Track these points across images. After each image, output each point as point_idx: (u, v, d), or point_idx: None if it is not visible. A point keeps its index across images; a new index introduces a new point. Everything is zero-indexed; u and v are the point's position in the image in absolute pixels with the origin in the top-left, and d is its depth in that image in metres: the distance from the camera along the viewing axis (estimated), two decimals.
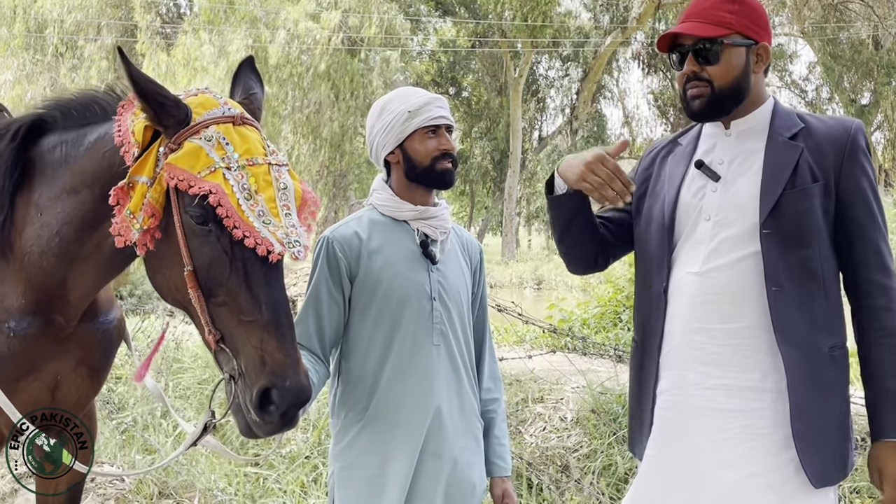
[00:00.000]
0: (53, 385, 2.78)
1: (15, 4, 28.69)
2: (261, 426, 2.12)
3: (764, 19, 2.41)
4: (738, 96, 2.39)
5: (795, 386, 2.26)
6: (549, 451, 5.19)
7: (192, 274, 2.16)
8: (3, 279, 2.63)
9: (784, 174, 2.30)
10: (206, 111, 2.22)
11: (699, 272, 2.38)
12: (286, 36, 25.35)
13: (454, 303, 2.66)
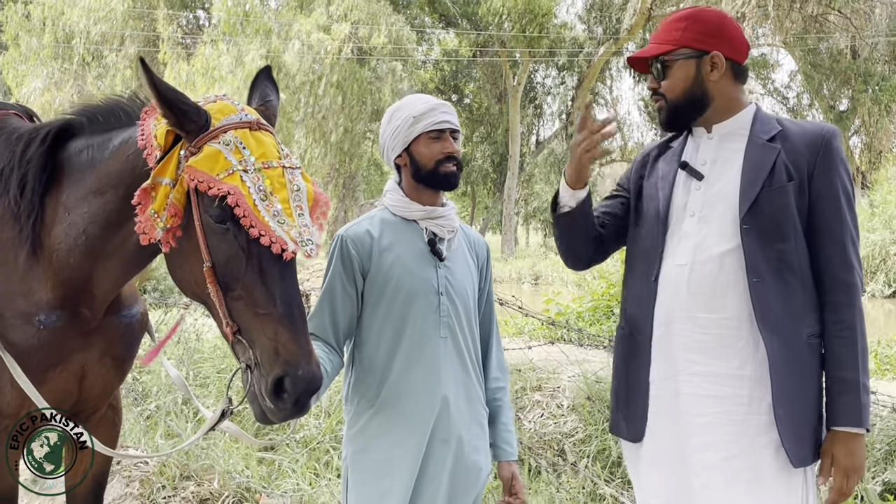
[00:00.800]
0: (80, 375, 2.78)
1: (44, 16, 28.70)
2: (275, 413, 2.13)
3: (717, 30, 2.42)
4: (694, 105, 2.44)
5: (777, 372, 2.28)
6: (547, 437, 5.19)
7: (210, 270, 2.17)
8: (33, 275, 2.63)
9: (762, 173, 2.33)
10: (225, 117, 2.24)
11: (686, 264, 2.41)
12: (299, 46, 25.34)
13: (461, 298, 2.65)
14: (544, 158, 37.24)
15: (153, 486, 4.97)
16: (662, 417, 2.44)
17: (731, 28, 2.45)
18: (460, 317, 2.64)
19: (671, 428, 2.41)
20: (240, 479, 4.76)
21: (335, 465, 4.92)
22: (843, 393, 2.27)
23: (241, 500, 4.67)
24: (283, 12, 27.20)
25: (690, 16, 2.46)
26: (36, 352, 2.63)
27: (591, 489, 4.59)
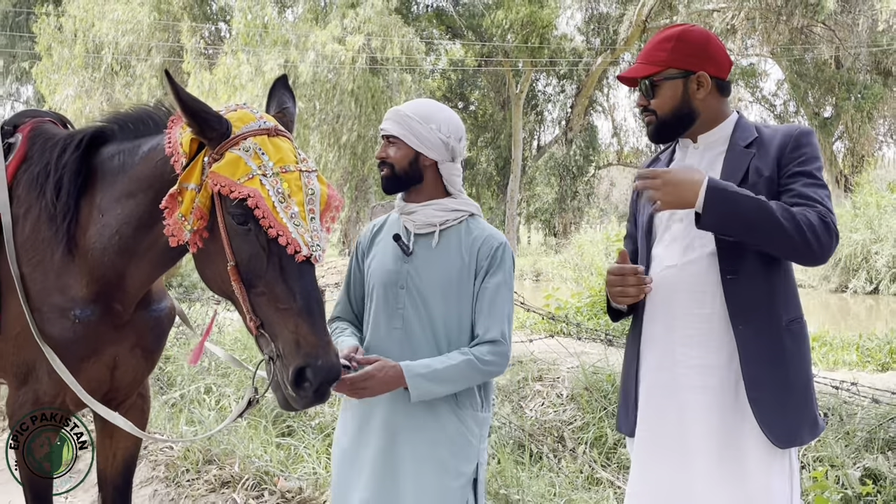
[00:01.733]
0: (112, 365, 2.81)
1: (75, 28, 28.73)
2: (297, 400, 2.16)
3: (703, 50, 2.43)
4: (682, 120, 2.46)
5: (748, 360, 2.30)
6: (547, 424, 5.20)
7: (234, 268, 2.20)
8: (68, 272, 2.65)
9: (738, 175, 2.35)
10: (245, 125, 2.26)
11: (676, 265, 2.43)
12: (315, 57, 25.32)
13: (429, 295, 2.58)
14: (545, 162, 37.18)
15: (178, 469, 5.00)
16: (658, 410, 2.44)
17: (715, 47, 2.46)
18: (419, 309, 2.57)
19: (668, 420, 2.42)
20: (259, 463, 4.78)
21: None
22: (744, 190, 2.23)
23: (261, 483, 4.68)
24: (300, 25, 27.18)
25: (677, 36, 2.45)
26: (71, 344, 2.66)
27: (589, 473, 4.60)
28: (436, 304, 2.58)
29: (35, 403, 2.77)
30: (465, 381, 2.50)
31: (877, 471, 4.31)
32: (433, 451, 2.53)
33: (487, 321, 2.55)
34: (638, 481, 2.51)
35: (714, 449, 2.33)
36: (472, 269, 2.60)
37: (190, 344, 7.07)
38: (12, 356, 2.79)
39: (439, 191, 2.66)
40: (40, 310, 2.68)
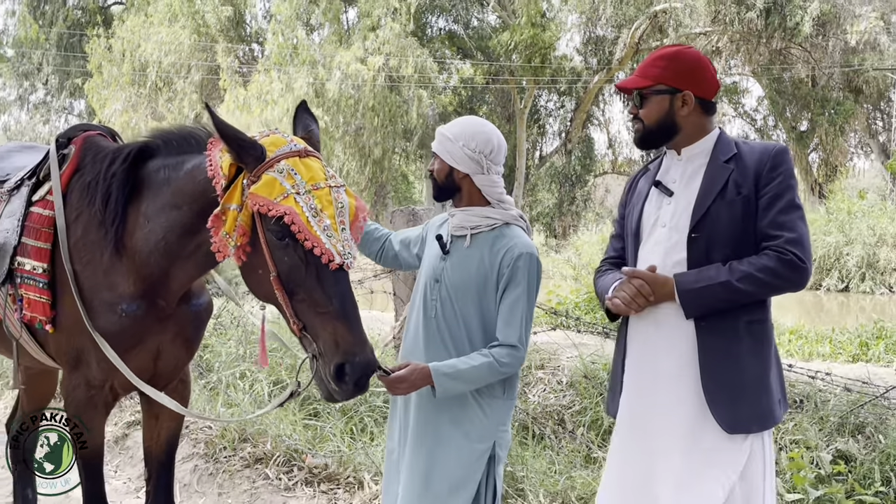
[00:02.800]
0: (156, 354, 2.83)
1: (123, 49, 28.86)
2: (339, 393, 2.20)
3: (691, 72, 2.45)
4: (664, 132, 2.48)
5: (704, 352, 2.33)
6: (549, 408, 5.20)
7: (276, 278, 2.23)
8: (116, 271, 2.68)
9: (715, 189, 2.37)
10: (278, 148, 2.29)
11: (657, 267, 2.43)
12: (340, 75, 25.35)
13: (459, 291, 2.62)
14: (546, 170, 37.11)
15: (216, 446, 5.02)
16: (637, 396, 2.49)
17: (703, 70, 2.47)
18: (447, 306, 2.63)
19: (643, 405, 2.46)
20: (289, 442, 4.80)
21: (369, 430, 4.94)
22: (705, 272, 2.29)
23: (290, 460, 4.70)
24: (326, 46, 27.20)
25: (671, 55, 2.48)
26: (119, 335, 2.69)
27: (586, 453, 4.60)
28: (461, 301, 2.63)
29: (87, 387, 2.80)
30: (483, 381, 2.55)
31: (848, 452, 4.30)
32: (453, 429, 2.59)
33: (507, 328, 2.57)
34: (615, 457, 2.57)
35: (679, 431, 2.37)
36: (495, 274, 2.60)
37: (227, 335, 7.11)
38: (65, 345, 2.82)
39: (479, 200, 2.68)
40: (91, 304, 2.71)
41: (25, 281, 2.81)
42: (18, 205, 2.95)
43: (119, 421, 5.75)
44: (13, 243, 2.85)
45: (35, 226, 2.84)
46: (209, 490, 4.73)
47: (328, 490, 4.39)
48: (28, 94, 38.42)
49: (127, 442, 5.52)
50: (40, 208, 2.88)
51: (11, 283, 2.84)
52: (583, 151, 36.47)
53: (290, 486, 4.53)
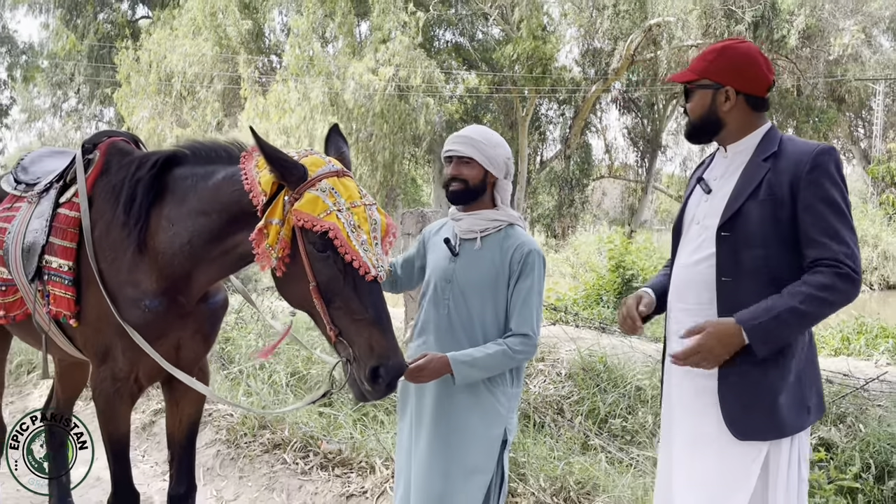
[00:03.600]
0: (177, 346, 2.85)
1: (150, 60, 28.93)
2: (371, 393, 2.23)
3: (737, 67, 2.26)
4: (708, 127, 2.33)
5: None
6: (549, 398, 5.21)
7: (315, 288, 2.25)
8: (140, 269, 2.70)
9: (749, 188, 2.20)
10: (318, 168, 2.31)
11: (686, 265, 2.35)
12: (353, 85, 25.37)
13: (470, 289, 2.63)
14: (546, 175, 37.08)
15: (237, 433, 5.04)
16: (667, 388, 2.45)
17: (750, 65, 2.28)
18: (460, 304, 2.63)
19: (666, 398, 2.44)
20: (305, 429, 4.82)
21: (379, 418, 4.96)
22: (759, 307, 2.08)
23: (306, 446, 4.72)
24: (340, 57, 27.21)
25: (719, 49, 2.32)
26: (142, 328, 2.71)
27: (583, 440, 4.61)
28: (474, 299, 2.64)
29: (113, 379, 2.82)
30: (499, 368, 2.58)
31: (830, 440, 4.30)
32: (469, 416, 2.60)
33: (519, 318, 2.61)
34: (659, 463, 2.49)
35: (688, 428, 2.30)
36: (507, 271, 2.63)
37: (248, 329, 7.13)
38: (92, 339, 2.84)
39: (488, 203, 2.70)
40: (116, 300, 2.72)
41: (52, 278, 2.83)
42: (47, 206, 2.98)
43: (147, 409, 5.78)
44: (42, 242, 2.88)
45: (62, 226, 2.87)
46: (231, 473, 4.75)
47: (342, 474, 4.41)
48: (61, 102, 38.58)
49: (154, 428, 5.55)
50: (67, 210, 2.90)
51: (40, 279, 2.87)
52: (581, 157, 36.42)
53: (306, 470, 4.54)
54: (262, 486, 4.55)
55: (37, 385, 6.82)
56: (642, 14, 29.30)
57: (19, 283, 3.00)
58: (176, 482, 3.09)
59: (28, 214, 3.02)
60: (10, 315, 3.09)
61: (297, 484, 4.45)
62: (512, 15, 30.72)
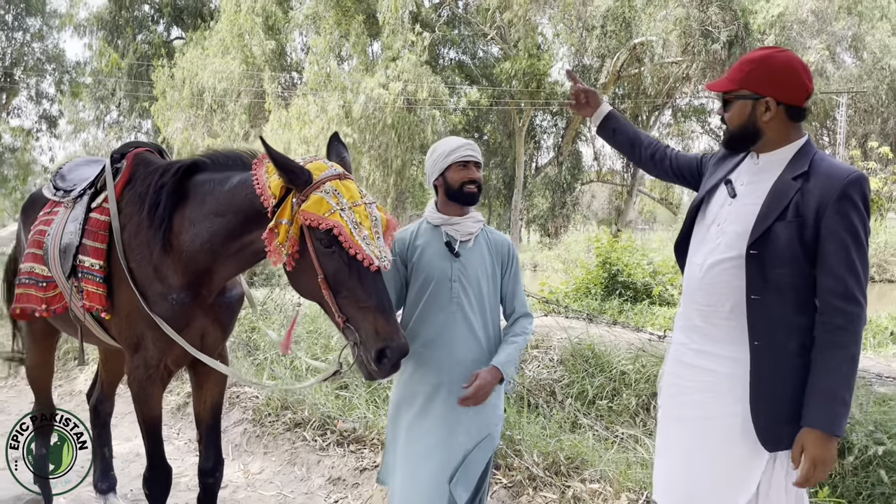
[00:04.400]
0: (201, 335, 2.87)
1: (183, 76, 29.00)
2: (378, 373, 2.23)
3: (777, 77, 2.07)
4: (746, 137, 2.14)
5: (757, 374, 2.05)
6: (542, 382, 5.20)
7: (324, 280, 2.26)
8: (166, 266, 2.72)
9: (778, 207, 2.02)
10: (322, 172, 2.33)
11: (700, 265, 2.19)
12: (365, 98, 25.38)
13: (472, 285, 2.63)
14: (541, 179, 37.07)
15: (262, 413, 5.06)
16: (670, 376, 2.33)
17: (790, 75, 2.08)
18: (470, 298, 2.62)
19: (667, 386, 2.33)
20: (323, 409, 4.83)
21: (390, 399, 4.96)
22: (820, 401, 1.94)
23: (324, 424, 4.74)
24: (354, 74, 27.23)
25: (759, 59, 2.11)
26: (170, 319, 2.73)
27: (573, 419, 4.61)
28: (479, 291, 2.64)
29: (145, 367, 2.84)
30: (522, 351, 2.68)
31: None
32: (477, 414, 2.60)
33: (516, 301, 2.74)
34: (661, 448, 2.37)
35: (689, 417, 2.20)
36: (499, 263, 2.71)
37: (271, 319, 7.14)
38: (125, 331, 2.86)
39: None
40: (145, 294, 2.75)
41: (85, 275, 2.86)
42: (80, 211, 3.01)
43: (181, 391, 5.81)
44: (76, 243, 2.92)
45: (93, 229, 2.90)
46: (256, 450, 4.77)
47: (356, 450, 4.42)
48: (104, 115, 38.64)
49: (187, 409, 5.57)
50: (98, 214, 2.93)
51: (75, 276, 2.91)
52: (572, 163, 36.36)
53: (323, 446, 4.56)
54: (285, 461, 4.57)
55: (82, 370, 6.85)
56: (627, 34, 29.25)
57: (58, 280, 3.03)
58: (205, 458, 3.11)
59: (65, 218, 3.05)
60: (52, 308, 3.12)
61: (316, 459, 4.47)
62: (509, 35, 30.71)
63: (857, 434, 3.99)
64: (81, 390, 6.49)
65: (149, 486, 3.03)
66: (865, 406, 4.28)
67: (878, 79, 29.29)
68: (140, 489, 4.11)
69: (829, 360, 1.95)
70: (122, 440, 4.91)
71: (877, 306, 12.17)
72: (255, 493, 4.26)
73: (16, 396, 6.69)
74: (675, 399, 2.29)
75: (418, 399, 2.62)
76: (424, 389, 2.60)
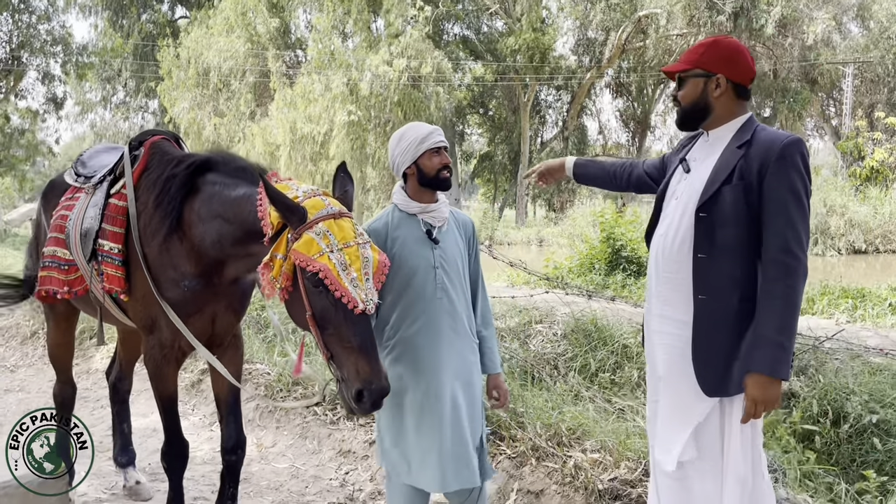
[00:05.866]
0: (212, 319, 2.96)
1: (189, 56, 28.95)
2: (357, 410, 2.29)
3: (726, 57, 2.29)
4: (698, 113, 2.34)
5: (698, 325, 2.26)
6: (546, 356, 5.28)
7: (311, 316, 2.31)
8: (179, 254, 2.80)
9: (724, 173, 2.22)
10: (317, 211, 2.34)
11: (663, 236, 2.38)
12: (370, 76, 25.29)
13: (453, 269, 2.64)
14: (546, 154, 36.81)
15: (274, 389, 5.17)
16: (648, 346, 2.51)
17: (738, 56, 2.30)
18: (453, 282, 2.63)
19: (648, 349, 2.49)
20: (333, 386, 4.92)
21: None
22: (759, 346, 2.14)
23: (334, 399, 4.83)
24: (358, 51, 27.10)
25: (709, 43, 2.34)
26: (182, 304, 2.82)
27: (576, 392, 4.68)
28: (458, 273, 2.66)
29: (160, 347, 2.94)
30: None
31: (792, 390, 4.37)
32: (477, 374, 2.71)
33: (479, 283, 2.81)
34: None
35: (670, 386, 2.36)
36: (466, 243, 2.75)
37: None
38: (141, 313, 2.96)
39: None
40: (159, 279, 2.84)
41: (105, 259, 2.96)
42: (100, 196, 3.10)
43: (194, 369, 5.93)
44: (96, 228, 3.01)
45: (112, 214, 2.99)
46: (269, 424, 4.89)
47: (364, 424, 4.52)
48: (110, 95, 38.67)
49: (201, 386, 5.69)
50: (116, 200, 3.02)
51: (95, 260, 3.01)
52: (577, 137, 36.23)
53: (334, 420, 4.66)
54: (297, 435, 4.68)
55: (98, 349, 6.98)
56: (632, 6, 28.96)
57: (79, 263, 3.13)
58: (227, 436, 3.17)
59: (85, 203, 3.15)
60: (73, 290, 3.22)
61: (327, 433, 4.58)
62: (514, 9, 30.45)
63: (852, 403, 4.09)
64: (98, 368, 6.63)
65: (167, 461, 3.14)
66: (860, 376, 4.37)
67: (885, 48, 28.96)
68: (157, 463, 4.25)
69: (769, 308, 2.14)
70: (138, 416, 5.03)
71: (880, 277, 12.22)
72: (268, 466, 4.38)
73: (34, 375, 6.85)
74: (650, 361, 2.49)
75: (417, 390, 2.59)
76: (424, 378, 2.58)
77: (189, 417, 5.19)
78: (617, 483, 3.29)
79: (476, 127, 39.05)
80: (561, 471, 3.52)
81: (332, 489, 4.06)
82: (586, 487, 3.35)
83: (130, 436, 4.12)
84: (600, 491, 3.28)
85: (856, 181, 25.15)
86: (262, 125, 27.45)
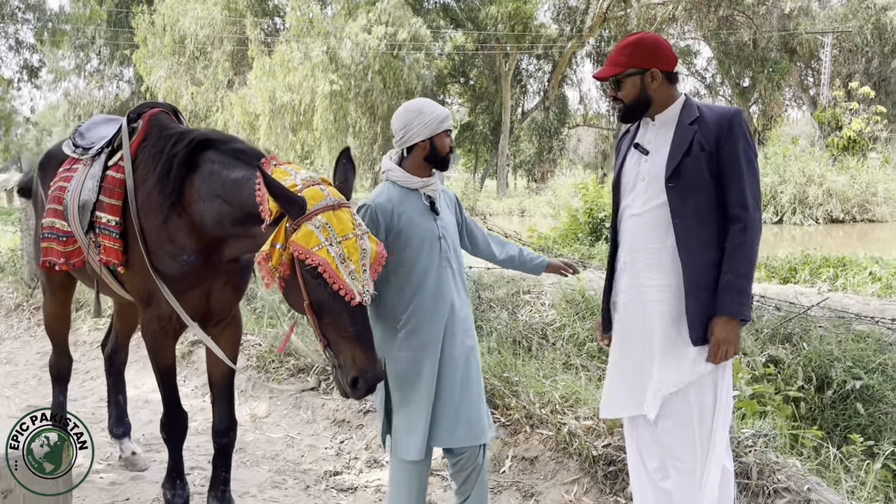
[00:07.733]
0: (207, 295, 2.95)
1: (164, 23, 28.44)
2: (352, 394, 2.33)
3: (653, 52, 2.49)
4: (641, 106, 2.53)
5: (687, 282, 2.43)
6: (535, 325, 5.34)
7: (309, 306, 2.32)
8: (178, 228, 2.79)
9: (683, 147, 2.42)
10: (316, 202, 2.33)
11: (639, 213, 2.53)
12: (349, 44, 24.99)
13: (451, 238, 2.72)
14: (528, 124, 36.90)
15: (265, 360, 5.18)
16: (632, 315, 2.58)
17: (663, 48, 2.52)
18: (453, 250, 2.72)
19: (638, 319, 2.56)
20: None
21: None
22: (725, 292, 2.37)
23: (325, 370, 4.86)
24: (337, 19, 26.74)
25: (634, 42, 2.52)
26: (179, 279, 2.82)
27: (565, 360, 4.74)
28: (455, 241, 2.76)
29: (158, 319, 2.94)
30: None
31: (777, 357, 4.46)
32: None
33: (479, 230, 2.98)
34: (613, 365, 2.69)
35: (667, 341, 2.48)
36: (453, 212, 2.84)
37: None
38: (138, 285, 2.95)
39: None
40: (156, 253, 2.82)
41: (102, 231, 2.94)
42: (98, 169, 3.06)
43: (184, 340, 5.91)
44: (93, 200, 2.98)
45: (109, 186, 2.96)
46: (262, 395, 4.90)
47: None
48: (84, 63, 37.83)
49: (192, 357, 5.68)
50: (114, 172, 2.98)
51: (93, 231, 2.98)
52: (558, 107, 36.20)
53: (328, 390, 4.70)
54: (290, 406, 4.69)
55: (84, 321, 6.94)
56: None
57: (77, 235, 3.10)
58: (219, 419, 3.17)
59: (83, 175, 3.11)
60: (71, 262, 3.20)
61: (321, 402, 4.59)
62: None
63: (836, 370, 4.20)
64: (86, 340, 6.59)
65: (167, 432, 3.15)
66: (844, 343, 4.47)
67: (864, 18, 29.09)
68: (151, 434, 4.26)
69: (731, 258, 2.39)
70: (130, 387, 5.02)
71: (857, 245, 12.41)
72: (263, 436, 4.41)
73: (21, 347, 6.80)
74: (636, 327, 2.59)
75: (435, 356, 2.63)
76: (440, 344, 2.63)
77: (181, 388, 5.14)
78: (611, 449, 3.35)
79: (457, 97, 38.78)
80: (555, 438, 3.58)
81: (327, 458, 4.09)
82: (580, 454, 3.42)
83: (126, 407, 4.12)
84: (594, 457, 3.35)
85: (833, 151, 25.40)
86: (241, 94, 27.08)
